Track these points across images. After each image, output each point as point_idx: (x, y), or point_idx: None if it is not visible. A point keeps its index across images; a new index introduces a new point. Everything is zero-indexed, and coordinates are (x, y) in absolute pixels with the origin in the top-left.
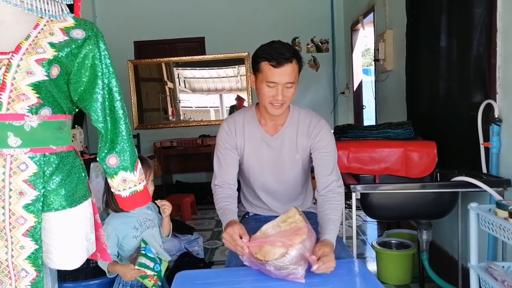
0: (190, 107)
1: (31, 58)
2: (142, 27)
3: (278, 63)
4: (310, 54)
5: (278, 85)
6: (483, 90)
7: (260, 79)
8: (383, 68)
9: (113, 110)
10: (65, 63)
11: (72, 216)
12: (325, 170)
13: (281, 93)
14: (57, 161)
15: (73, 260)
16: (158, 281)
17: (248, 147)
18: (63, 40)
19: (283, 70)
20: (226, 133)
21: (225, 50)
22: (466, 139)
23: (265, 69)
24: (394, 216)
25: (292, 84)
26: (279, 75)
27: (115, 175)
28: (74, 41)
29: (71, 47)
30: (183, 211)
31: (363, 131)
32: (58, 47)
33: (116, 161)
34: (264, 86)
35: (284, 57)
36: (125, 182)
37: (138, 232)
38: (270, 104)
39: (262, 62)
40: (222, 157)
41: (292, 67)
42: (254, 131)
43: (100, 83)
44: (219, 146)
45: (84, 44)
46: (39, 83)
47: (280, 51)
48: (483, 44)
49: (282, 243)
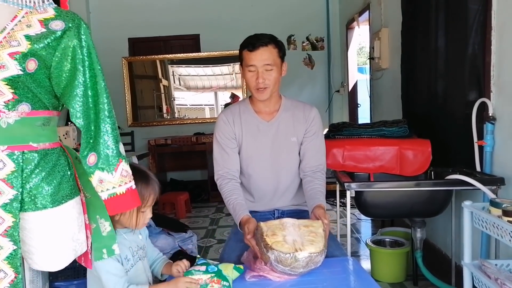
0: (184, 105)
1: (4, 51)
2: (137, 24)
3: (253, 47)
4: (305, 52)
5: (257, 68)
6: (478, 88)
7: (243, 67)
8: (378, 66)
9: (95, 106)
10: (42, 56)
11: (55, 216)
12: (316, 155)
13: (261, 76)
14: (37, 158)
15: (57, 261)
16: (223, 281)
17: (246, 135)
18: (40, 32)
19: (259, 53)
20: (224, 123)
21: (220, 47)
22: (460, 137)
23: (245, 56)
24: (389, 214)
25: (271, 67)
26: (255, 58)
27: (92, 175)
28: (52, 33)
29: (49, 39)
30: (178, 209)
31: (358, 129)
32: (34, 40)
33: (94, 159)
34: (247, 72)
35: (260, 41)
36: (102, 183)
37: (129, 265)
38: (255, 90)
39: (242, 51)
40: (223, 147)
41: (269, 50)
42: (251, 119)
43: (81, 77)
44: (219, 136)
45: (64, 36)
46: (13, 78)
47: (256, 37)
48: (478, 42)
49: (293, 241)
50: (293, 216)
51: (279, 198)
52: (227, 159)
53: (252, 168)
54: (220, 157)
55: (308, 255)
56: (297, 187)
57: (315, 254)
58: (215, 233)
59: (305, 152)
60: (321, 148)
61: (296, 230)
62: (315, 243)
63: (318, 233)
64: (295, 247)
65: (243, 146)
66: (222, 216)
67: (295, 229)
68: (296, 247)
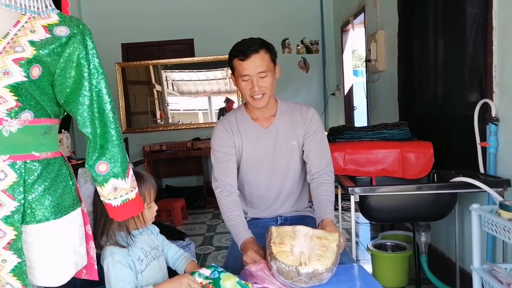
0: (178, 110)
1: (8, 57)
2: (130, 29)
3: (245, 56)
4: (300, 55)
5: (251, 77)
6: (479, 89)
7: (236, 76)
8: (375, 69)
9: (102, 113)
10: (47, 62)
11: (57, 228)
12: (320, 154)
13: (256, 84)
14: (40, 168)
15: (59, 276)
16: None
17: (246, 144)
18: (44, 38)
19: (251, 61)
20: (223, 132)
21: (214, 52)
22: (462, 139)
23: (237, 65)
24: (393, 218)
25: (265, 73)
26: (249, 67)
27: (105, 183)
28: (57, 39)
29: (53, 45)
30: (174, 216)
31: (359, 132)
32: (39, 46)
33: (106, 168)
34: (240, 82)
35: (251, 49)
36: (116, 190)
37: (143, 265)
38: (251, 98)
39: (233, 60)
40: (221, 159)
41: (261, 56)
42: (248, 127)
43: (87, 84)
44: (217, 146)
45: (69, 43)
46: (17, 85)
47: (246, 44)
48: (478, 43)
49: (300, 254)
50: (296, 222)
51: (281, 204)
52: (226, 171)
53: (253, 176)
54: (218, 169)
55: (312, 271)
56: (299, 192)
57: (320, 271)
58: (213, 240)
59: (308, 152)
60: (324, 146)
61: (308, 241)
62: (323, 259)
63: (330, 247)
64: (300, 261)
65: (244, 155)
66: (219, 222)
67: (306, 240)
68: (302, 261)
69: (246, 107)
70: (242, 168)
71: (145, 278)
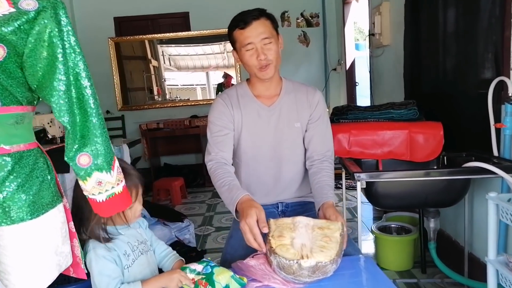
0: (175, 85)
1: None
2: (122, 2)
3: (245, 23)
4: (300, 29)
5: (255, 45)
6: (495, 66)
7: (239, 49)
8: (379, 43)
9: (81, 99)
10: (12, 42)
11: (34, 229)
12: (323, 141)
13: (261, 52)
14: (11, 163)
15: (38, 280)
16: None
17: (246, 121)
18: (8, 12)
19: (253, 28)
20: (222, 106)
21: (210, 25)
22: (474, 119)
23: (238, 36)
24: (402, 205)
25: (269, 40)
26: (251, 34)
27: (88, 177)
28: (23, 14)
29: (19, 21)
30: (173, 195)
31: (364, 112)
32: (1, 22)
33: (88, 160)
34: (244, 53)
35: (251, 15)
36: (101, 185)
37: (130, 260)
38: (258, 69)
39: (233, 32)
40: (217, 133)
41: (262, 23)
42: (250, 103)
43: (62, 67)
44: (214, 119)
45: (38, 18)
46: None
47: (245, 13)
48: (495, 14)
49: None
50: (298, 209)
51: (283, 189)
52: (222, 145)
53: (252, 157)
54: (213, 143)
55: (314, 263)
56: (302, 177)
57: (324, 263)
58: (213, 220)
59: (311, 139)
60: (327, 133)
61: (309, 232)
62: (326, 250)
63: (333, 237)
64: (302, 253)
65: (243, 133)
66: (219, 201)
67: (307, 231)
68: (303, 253)
69: (249, 82)
70: (239, 147)
71: (132, 274)
